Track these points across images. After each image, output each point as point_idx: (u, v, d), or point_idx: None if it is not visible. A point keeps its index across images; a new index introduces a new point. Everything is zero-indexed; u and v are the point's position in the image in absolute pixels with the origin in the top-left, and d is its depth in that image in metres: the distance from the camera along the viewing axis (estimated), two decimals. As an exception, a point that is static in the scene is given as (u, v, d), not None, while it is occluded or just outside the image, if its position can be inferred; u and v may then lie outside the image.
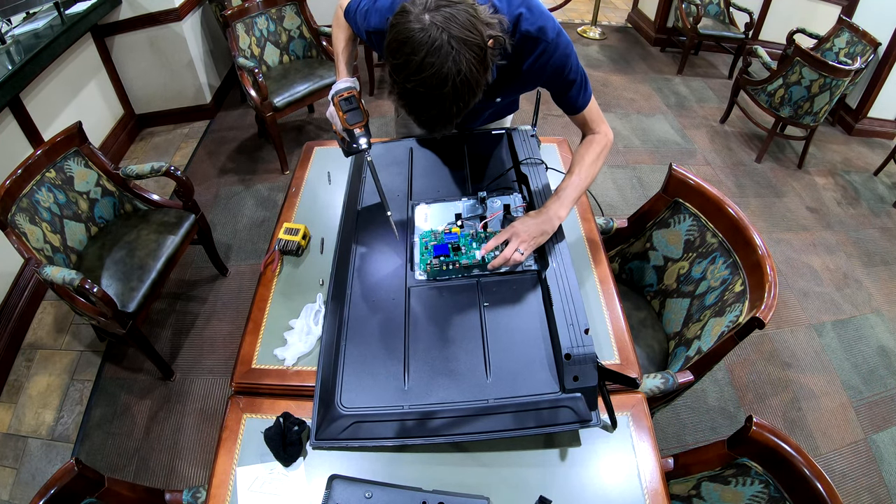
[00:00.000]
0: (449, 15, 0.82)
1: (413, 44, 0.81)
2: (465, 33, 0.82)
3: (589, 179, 1.19)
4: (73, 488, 0.91)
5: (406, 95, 0.86)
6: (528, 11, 1.02)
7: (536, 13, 1.03)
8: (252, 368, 1.08)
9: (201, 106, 3.31)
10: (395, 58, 0.84)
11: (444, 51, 0.80)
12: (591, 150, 1.20)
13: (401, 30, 0.83)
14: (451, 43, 0.81)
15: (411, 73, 0.82)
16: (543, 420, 0.93)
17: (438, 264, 1.15)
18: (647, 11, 4.60)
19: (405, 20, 0.83)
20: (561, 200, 1.15)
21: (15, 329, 2.11)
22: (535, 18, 1.03)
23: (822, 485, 0.85)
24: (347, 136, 1.14)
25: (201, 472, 1.72)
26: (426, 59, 0.80)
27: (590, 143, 1.22)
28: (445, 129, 0.92)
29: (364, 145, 1.11)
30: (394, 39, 0.84)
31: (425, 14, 0.82)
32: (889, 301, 2.37)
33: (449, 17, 0.82)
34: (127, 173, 1.95)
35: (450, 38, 0.81)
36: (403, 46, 0.82)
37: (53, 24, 2.35)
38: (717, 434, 1.83)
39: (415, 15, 0.82)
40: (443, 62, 0.80)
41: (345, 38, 1.33)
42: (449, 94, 0.83)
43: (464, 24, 0.82)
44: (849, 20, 3.17)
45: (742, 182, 3.02)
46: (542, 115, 3.39)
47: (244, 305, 2.19)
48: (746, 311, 1.16)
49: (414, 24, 0.82)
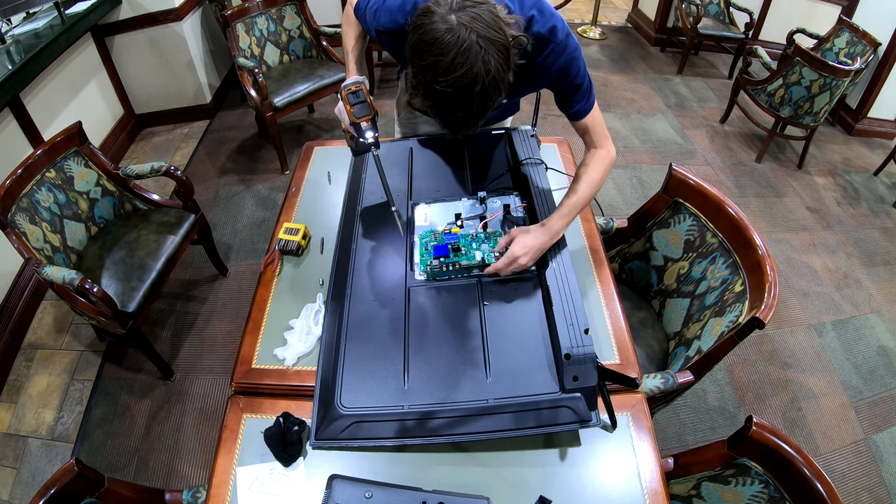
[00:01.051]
0: (475, 15, 0.82)
1: (441, 45, 0.80)
2: (491, 33, 0.82)
3: (592, 196, 1.18)
4: (73, 488, 0.91)
5: (434, 96, 0.85)
6: (540, 14, 1.03)
7: (548, 15, 1.04)
8: (252, 368, 1.08)
9: (201, 106, 3.31)
10: (423, 59, 0.83)
11: (473, 51, 0.80)
12: (598, 167, 1.18)
13: (427, 30, 0.82)
14: (480, 43, 0.81)
15: (440, 73, 0.81)
16: (543, 420, 0.93)
17: (439, 265, 1.15)
18: (647, 11, 4.60)
19: (430, 20, 0.82)
20: (564, 217, 1.14)
21: (15, 329, 2.11)
22: (545, 20, 1.03)
23: (822, 485, 0.85)
24: (354, 130, 1.14)
25: (201, 472, 1.72)
26: (456, 60, 0.80)
27: (597, 159, 1.19)
28: (471, 130, 0.92)
29: (371, 139, 1.12)
30: (420, 40, 0.83)
31: (451, 14, 0.82)
32: (889, 301, 2.37)
33: (475, 17, 0.82)
34: (127, 173, 1.95)
35: (478, 38, 0.81)
36: (431, 47, 0.81)
37: (53, 23, 2.35)
38: (717, 434, 1.83)
39: (440, 15, 0.82)
40: (473, 63, 0.80)
41: (355, 35, 1.32)
42: (478, 95, 0.83)
43: (490, 23, 0.82)
44: (849, 20, 3.17)
45: (742, 182, 3.02)
46: (542, 115, 3.39)
47: (244, 305, 2.19)
48: (746, 311, 1.16)
49: (440, 24, 0.81)
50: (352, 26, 1.32)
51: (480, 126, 1.58)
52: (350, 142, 1.25)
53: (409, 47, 0.86)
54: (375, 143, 1.13)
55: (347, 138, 1.26)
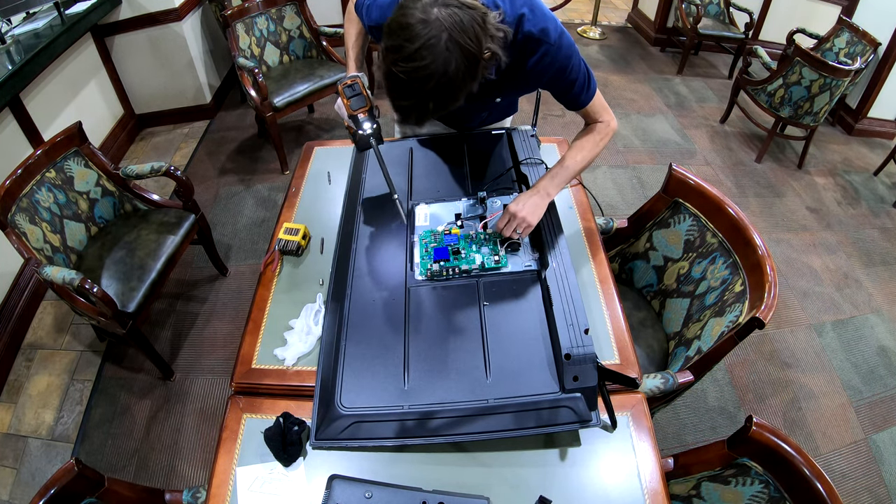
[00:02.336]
0: (457, 17, 0.82)
1: (411, 32, 0.82)
2: (464, 39, 0.83)
3: (584, 163, 1.20)
4: (73, 488, 0.91)
5: (390, 77, 0.87)
6: (531, 12, 1.02)
7: (539, 14, 1.03)
8: (252, 368, 1.08)
9: (201, 106, 3.31)
10: (391, 39, 0.85)
11: (437, 49, 0.81)
12: (590, 137, 1.22)
13: (406, 13, 0.83)
14: (448, 45, 0.82)
15: (400, 58, 0.83)
16: (543, 420, 0.93)
17: (439, 269, 1.15)
18: (647, 11, 4.60)
19: (412, 5, 0.84)
20: (553, 181, 1.18)
21: (15, 329, 2.11)
22: (537, 20, 1.02)
23: (822, 485, 0.85)
24: (353, 123, 1.15)
25: (201, 472, 1.72)
26: (419, 52, 0.81)
27: (589, 130, 1.23)
28: (417, 123, 0.94)
29: (369, 130, 1.13)
30: (395, 21, 0.85)
31: (435, 7, 0.83)
32: (889, 301, 2.37)
33: (456, 19, 0.82)
34: (127, 173, 1.94)
35: (449, 39, 0.81)
36: (402, 31, 0.83)
37: (53, 24, 2.35)
38: (717, 434, 1.83)
39: (424, 4, 0.83)
40: (433, 60, 0.81)
41: (355, 32, 1.34)
42: (429, 91, 0.84)
43: (466, 30, 0.83)
44: (849, 20, 3.17)
45: (742, 182, 3.02)
46: (542, 115, 3.39)
47: (244, 305, 2.19)
48: (746, 311, 1.16)
49: (419, 13, 0.82)
50: (352, 24, 1.33)
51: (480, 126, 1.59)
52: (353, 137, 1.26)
53: (386, 24, 0.88)
54: (375, 134, 1.14)
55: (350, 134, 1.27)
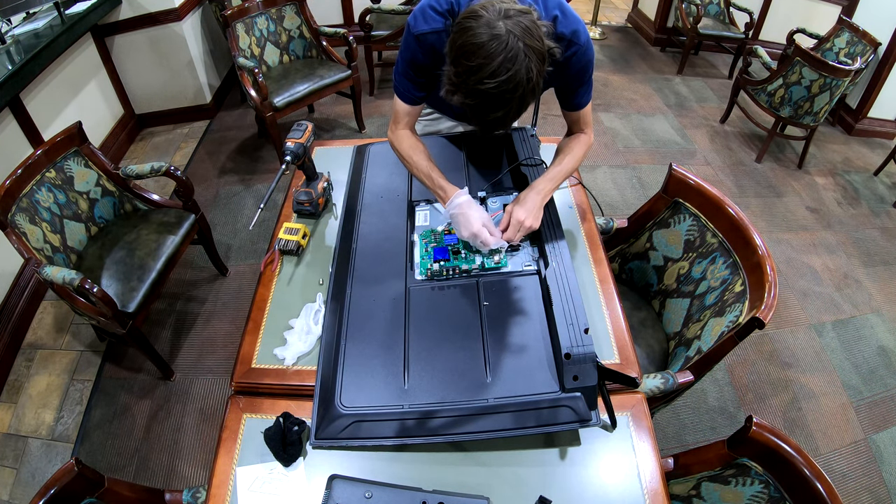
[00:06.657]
0: (521, 24, 0.88)
1: (488, 49, 0.87)
2: (535, 42, 0.89)
3: (573, 170, 1.28)
4: (73, 488, 0.91)
5: (476, 96, 0.91)
6: (563, 15, 1.08)
7: (570, 17, 1.10)
8: (252, 368, 1.08)
9: (201, 106, 3.31)
10: (469, 60, 0.89)
11: (519, 59, 0.87)
12: (580, 147, 1.28)
13: (474, 34, 0.88)
14: (525, 51, 0.87)
15: (486, 76, 0.87)
16: (543, 420, 0.93)
17: (439, 269, 1.15)
18: (647, 11, 4.60)
19: (478, 24, 0.88)
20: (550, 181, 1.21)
21: (15, 329, 2.11)
22: (569, 22, 1.09)
23: (822, 485, 0.85)
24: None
25: (201, 472, 1.72)
26: (503, 65, 0.86)
27: (580, 142, 1.29)
28: (504, 129, 0.98)
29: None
30: (468, 42, 0.89)
31: (500, 21, 0.88)
32: (889, 301, 2.37)
33: (524, 27, 0.88)
34: (127, 173, 1.95)
35: (525, 46, 0.87)
36: (478, 51, 0.87)
37: (53, 24, 2.35)
38: (717, 434, 1.83)
39: (487, 20, 0.88)
40: (518, 69, 0.87)
41: (420, 154, 1.26)
42: (518, 99, 0.91)
43: (533, 33, 0.89)
44: (849, 20, 3.17)
45: (742, 182, 3.02)
46: (542, 115, 3.39)
47: (244, 305, 2.19)
48: (746, 311, 1.16)
49: (489, 30, 0.87)
50: (413, 150, 1.26)
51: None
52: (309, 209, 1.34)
53: (454, 47, 0.92)
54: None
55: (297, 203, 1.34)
